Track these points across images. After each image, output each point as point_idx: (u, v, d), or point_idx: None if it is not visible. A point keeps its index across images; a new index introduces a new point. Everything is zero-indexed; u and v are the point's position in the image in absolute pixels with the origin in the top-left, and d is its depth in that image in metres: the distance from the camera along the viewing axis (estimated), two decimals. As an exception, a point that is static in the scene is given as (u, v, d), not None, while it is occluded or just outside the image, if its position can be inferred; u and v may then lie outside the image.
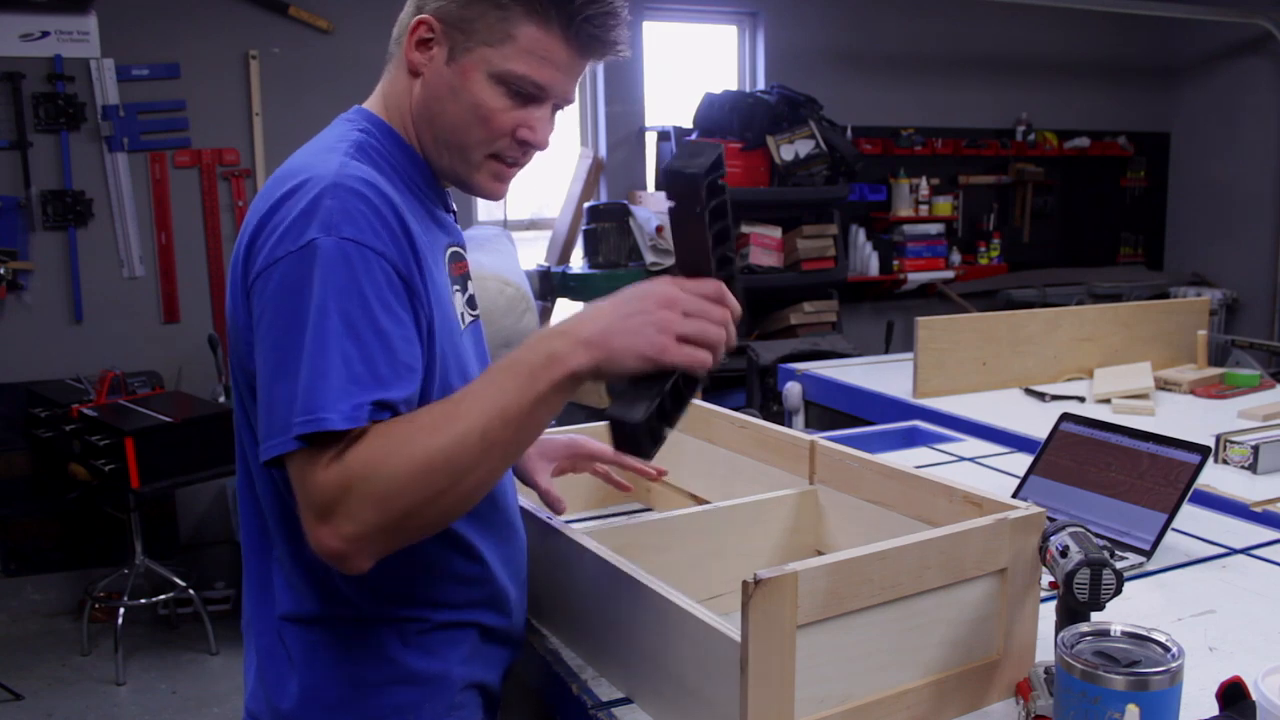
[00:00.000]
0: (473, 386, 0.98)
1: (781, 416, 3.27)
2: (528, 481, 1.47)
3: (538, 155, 1.17)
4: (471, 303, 1.20)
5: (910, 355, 2.86)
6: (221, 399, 3.98)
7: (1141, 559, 1.56)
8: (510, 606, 1.23)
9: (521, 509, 1.38)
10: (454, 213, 1.23)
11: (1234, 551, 1.63)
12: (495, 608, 1.21)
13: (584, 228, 4.46)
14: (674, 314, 0.98)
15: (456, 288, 1.15)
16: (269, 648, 1.14)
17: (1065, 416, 1.83)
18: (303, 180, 1.00)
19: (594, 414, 4.03)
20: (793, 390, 3.20)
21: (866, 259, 5.57)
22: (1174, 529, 1.60)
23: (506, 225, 4.83)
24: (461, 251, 1.21)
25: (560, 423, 1.52)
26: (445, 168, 1.14)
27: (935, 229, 5.75)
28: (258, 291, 0.99)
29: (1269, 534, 1.72)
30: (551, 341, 0.97)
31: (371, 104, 1.15)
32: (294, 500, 0.97)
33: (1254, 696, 0.98)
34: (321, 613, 1.11)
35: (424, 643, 1.14)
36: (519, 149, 1.12)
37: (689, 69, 5.40)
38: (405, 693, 1.13)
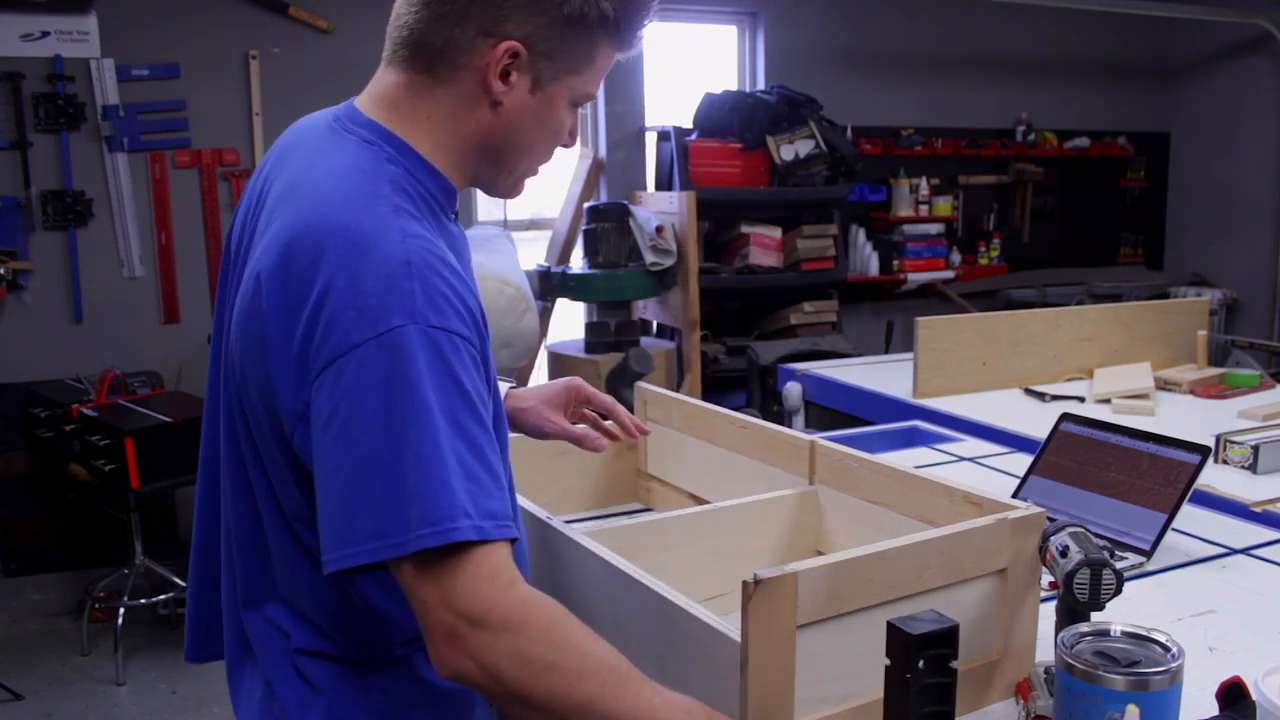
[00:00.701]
0: (666, 692, 0.95)
1: (781, 416, 3.27)
2: (541, 434, 1.47)
3: None
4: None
5: (910, 355, 2.86)
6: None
7: (1141, 559, 1.56)
8: None
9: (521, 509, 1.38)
10: (455, 215, 1.20)
11: (1234, 551, 1.63)
12: None
13: (584, 228, 4.46)
14: None
15: None
16: (285, 678, 1.10)
17: (1065, 416, 1.83)
18: (380, 247, 0.92)
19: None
20: (793, 390, 3.21)
21: (866, 259, 5.57)
22: (1174, 529, 1.60)
23: (506, 225, 4.83)
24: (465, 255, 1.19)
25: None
26: (498, 183, 1.12)
27: (935, 229, 5.75)
28: (330, 378, 0.90)
29: (1269, 534, 1.72)
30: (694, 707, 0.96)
31: (382, 116, 1.05)
32: (388, 596, 0.98)
33: (1254, 696, 0.98)
34: (344, 652, 1.08)
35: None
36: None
37: (689, 69, 5.40)
38: (435, 711, 1.10)
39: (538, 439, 1.49)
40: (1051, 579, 1.11)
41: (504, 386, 1.43)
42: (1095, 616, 1.04)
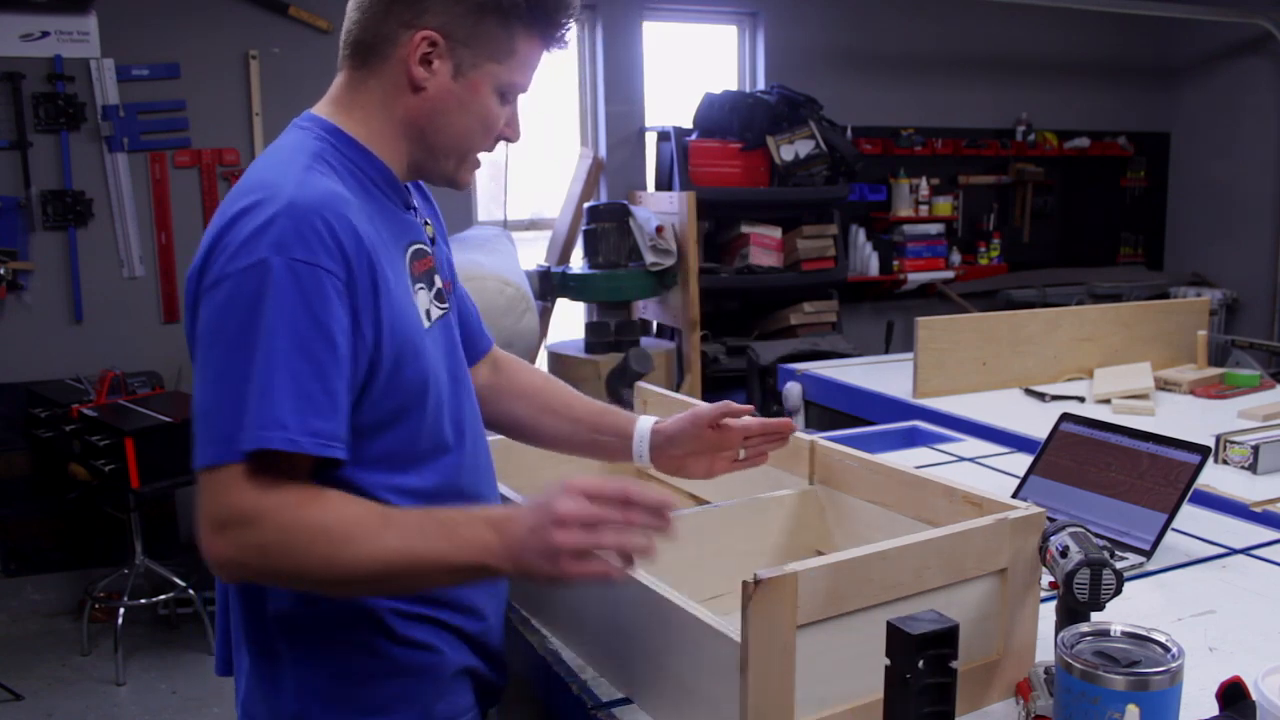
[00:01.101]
0: (409, 518, 1.03)
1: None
2: (711, 475, 1.44)
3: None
4: (440, 296, 1.22)
5: (910, 355, 2.86)
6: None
7: (1141, 559, 1.56)
8: (478, 608, 1.23)
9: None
10: (414, 209, 1.24)
11: (1234, 551, 1.63)
12: (463, 609, 1.21)
13: (584, 228, 4.46)
14: (567, 535, 0.99)
15: (420, 285, 1.18)
16: (263, 647, 1.15)
17: (1065, 416, 1.83)
18: (259, 199, 1.03)
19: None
20: (793, 390, 3.21)
21: (866, 259, 5.57)
22: (1174, 529, 1.60)
23: (506, 225, 4.83)
24: (425, 249, 1.22)
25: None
26: (437, 170, 1.20)
27: (935, 229, 5.75)
28: (205, 304, 1.02)
29: (1269, 534, 1.72)
30: (487, 535, 1.02)
31: (325, 111, 1.17)
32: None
33: (1254, 696, 0.98)
34: (309, 610, 1.12)
35: (408, 635, 1.15)
36: (495, 144, 1.21)
37: (689, 69, 5.40)
38: (394, 685, 1.14)
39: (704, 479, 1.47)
40: (1051, 579, 1.11)
41: (648, 422, 1.44)
42: (1095, 616, 1.04)
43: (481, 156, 1.22)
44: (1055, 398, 2.74)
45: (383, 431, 1.10)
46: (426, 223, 1.28)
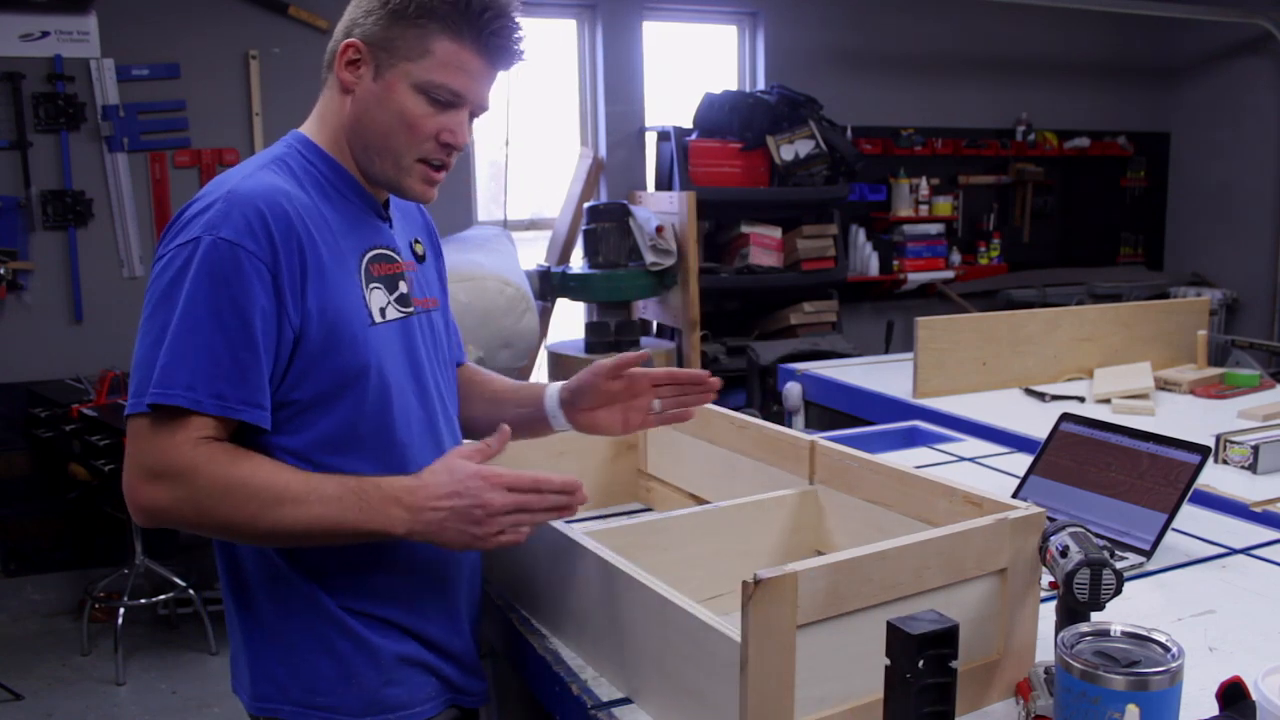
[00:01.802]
0: (329, 486, 1.13)
1: (781, 416, 3.27)
2: (627, 430, 1.45)
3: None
4: (403, 301, 1.29)
5: (910, 355, 2.86)
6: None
7: (1141, 559, 1.56)
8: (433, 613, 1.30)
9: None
10: (388, 220, 1.32)
11: (1234, 551, 1.63)
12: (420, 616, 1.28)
13: (584, 228, 4.46)
14: (492, 524, 1.14)
15: (376, 285, 1.25)
16: (253, 619, 1.25)
17: (1065, 416, 1.83)
18: (207, 192, 1.17)
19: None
20: (793, 390, 3.20)
21: (866, 259, 5.57)
22: (1174, 529, 1.60)
23: (506, 225, 4.83)
24: (391, 256, 1.29)
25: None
26: (379, 174, 1.26)
27: (935, 229, 5.75)
28: (151, 280, 1.15)
29: (1269, 534, 1.72)
30: (395, 511, 1.13)
31: (305, 127, 1.29)
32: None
33: (1254, 696, 0.98)
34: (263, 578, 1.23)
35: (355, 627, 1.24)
36: (442, 151, 1.24)
37: (689, 69, 5.40)
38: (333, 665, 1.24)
39: (624, 435, 1.51)
40: (1051, 579, 1.11)
41: (556, 385, 1.47)
42: (1095, 616, 1.04)
43: (432, 169, 1.26)
44: (1055, 398, 2.74)
45: (322, 410, 1.19)
46: (417, 241, 1.37)
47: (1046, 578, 1.15)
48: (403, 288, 1.29)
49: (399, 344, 1.26)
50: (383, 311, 1.24)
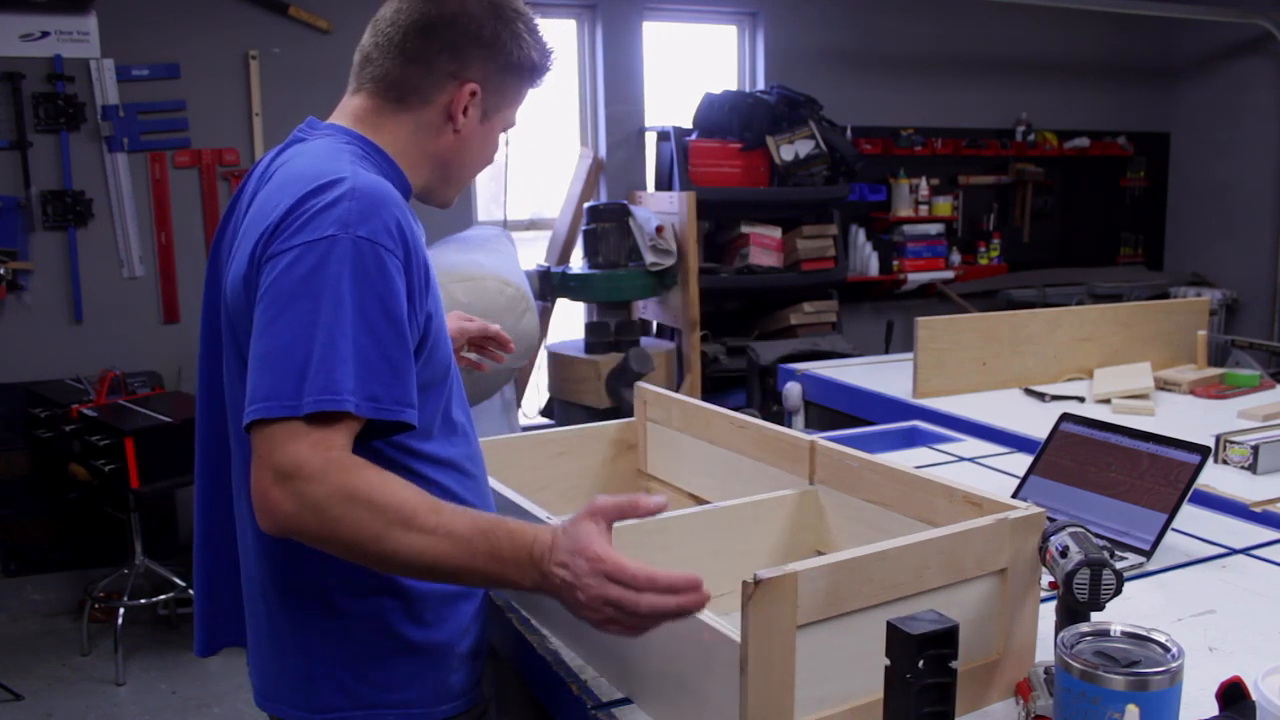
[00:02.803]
0: (458, 522, 1.05)
1: (781, 416, 3.27)
2: None
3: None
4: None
5: (910, 355, 2.86)
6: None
7: (1141, 559, 1.56)
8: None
9: (518, 507, 1.39)
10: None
11: (1234, 551, 1.63)
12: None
13: (584, 228, 4.46)
14: (612, 616, 1.03)
15: None
16: (313, 627, 1.22)
17: (1065, 416, 1.83)
18: (328, 180, 1.11)
19: (595, 414, 4.03)
20: (793, 390, 3.20)
21: (866, 259, 5.57)
22: (1174, 529, 1.60)
23: (506, 225, 4.83)
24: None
25: (562, 422, 1.51)
26: (441, 195, 1.34)
27: (935, 229, 5.75)
28: (268, 270, 1.08)
29: (1269, 534, 1.72)
30: (529, 576, 1.05)
31: (361, 128, 1.26)
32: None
33: (1254, 696, 0.98)
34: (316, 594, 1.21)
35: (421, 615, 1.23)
36: None
37: (689, 69, 5.40)
38: (411, 661, 1.24)
39: None
40: (1051, 579, 1.11)
41: None
42: (1095, 616, 1.04)
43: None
44: (1055, 398, 2.74)
45: (420, 403, 1.15)
46: None
47: (1046, 578, 1.15)
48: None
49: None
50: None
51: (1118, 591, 1.06)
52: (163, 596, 3.77)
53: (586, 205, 4.55)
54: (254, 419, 1.04)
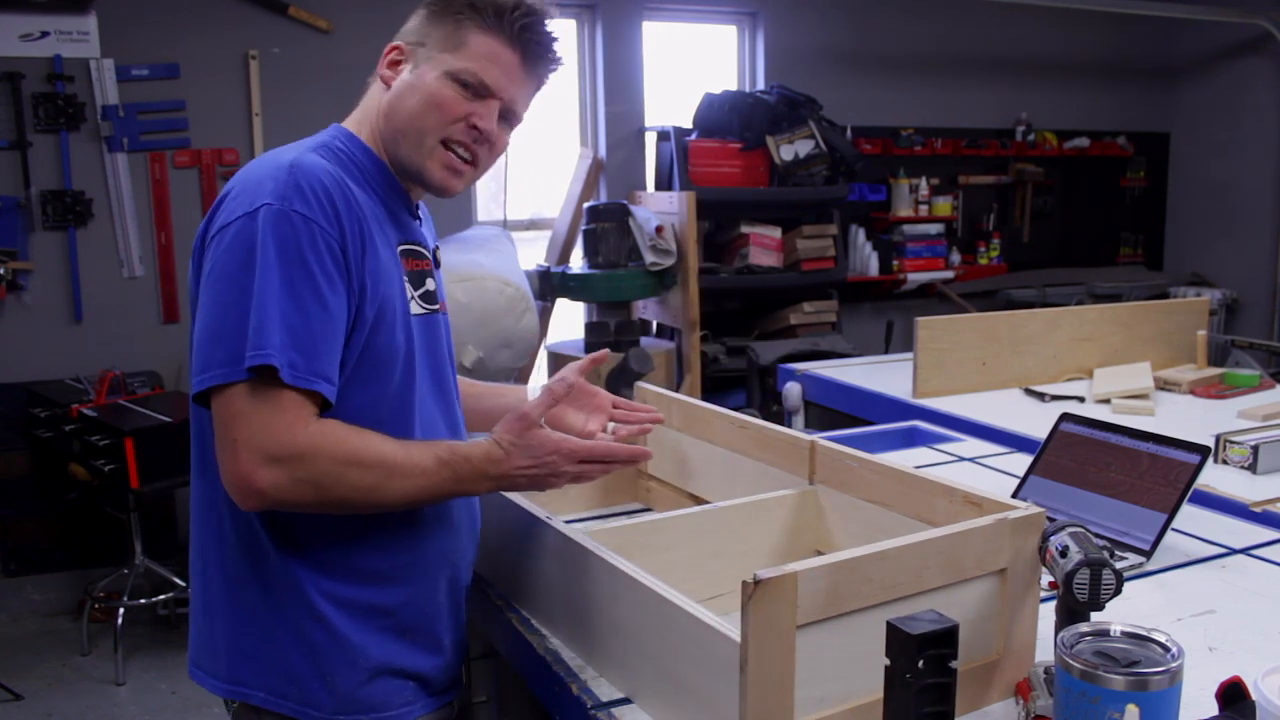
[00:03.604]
0: (423, 458, 1.18)
1: (781, 416, 3.27)
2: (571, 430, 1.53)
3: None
4: (429, 298, 1.33)
5: (910, 355, 2.86)
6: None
7: (1141, 559, 1.56)
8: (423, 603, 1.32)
9: (518, 507, 1.39)
10: (419, 219, 1.37)
11: (1234, 551, 1.63)
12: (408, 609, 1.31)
13: (584, 228, 4.46)
14: (559, 481, 1.27)
15: (407, 279, 1.29)
16: (235, 599, 1.26)
17: (1065, 416, 1.83)
18: (263, 162, 1.19)
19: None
20: (793, 390, 3.20)
21: (866, 259, 5.57)
22: (1174, 529, 1.60)
23: (506, 225, 4.83)
24: (420, 250, 1.34)
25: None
26: (405, 158, 1.29)
27: (935, 229, 5.75)
28: (211, 249, 1.15)
29: (1269, 534, 1.72)
30: (481, 484, 1.23)
31: (348, 123, 1.33)
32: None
33: (1254, 696, 0.98)
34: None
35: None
36: (467, 136, 1.28)
37: (689, 69, 5.40)
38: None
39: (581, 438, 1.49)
40: (1051, 579, 1.11)
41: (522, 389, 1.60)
42: (1095, 616, 1.04)
43: (456, 157, 1.29)
44: (1055, 398, 2.74)
45: (355, 386, 1.21)
46: (436, 247, 1.41)
47: (1046, 578, 1.15)
48: (429, 285, 1.33)
49: (424, 338, 1.30)
50: (412, 305, 1.29)
51: (1118, 591, 1.06)
52: (162, 596, 3.77)
53: (586, 205, 4.55)
54: (207, 386, 1.11)
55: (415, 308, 1.29)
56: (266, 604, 1.23)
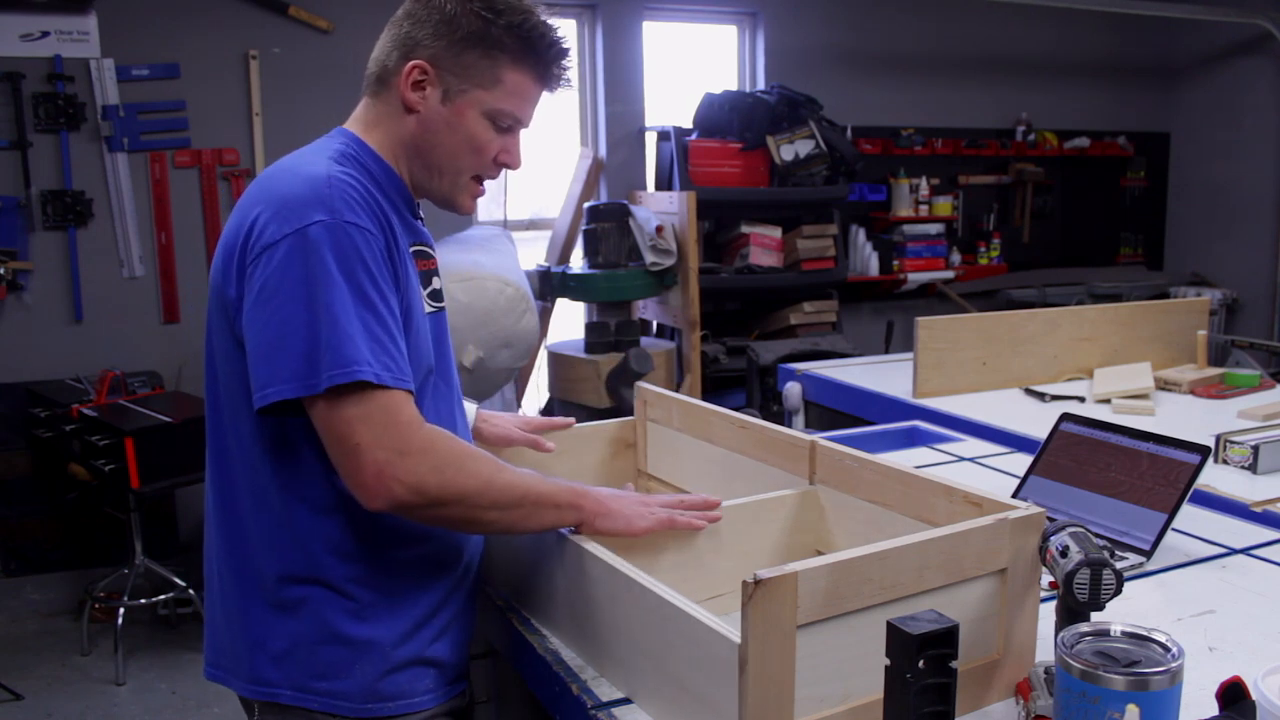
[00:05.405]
0: (537, 489, 1.24)
1: (781, 416, 3.27)
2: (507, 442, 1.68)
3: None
4: (436, 296, 1.35)
5: (910, 355, 2.86)
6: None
7: (1141, 559, 1.56)
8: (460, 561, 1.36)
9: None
10: (421, 219, 1.38)
11: (1234, 551, 1.63)
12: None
13: (584, 228, 4.46)
14: (643, 521, 1.30)
15: (417, 278, 1.31)
16: (260, 602, 1.26)
17: (1065, 416, 1.83)
18: (289, 177, 1.19)
19: (595, 414, 4.02)
20: (793, 390, 3.20)
21: (866, 259, 5.57)
22: (1174, 529, 1.60)
23: (506, 225, 4.83)
24: (428, 250, 1.36)
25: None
26: (434, 189, 1.33)
27: (935, 229, 5.75)
28: (261, 265, 1.14)
29: (1269, 534, 1.72)
30: (582, 500, 1.28)
31: (352, 127, 1.32)
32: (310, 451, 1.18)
33: (1254, 696, 0.98)
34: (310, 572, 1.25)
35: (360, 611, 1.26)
36: (496, 170, 1.33)
37: (689, 69, 5.40)
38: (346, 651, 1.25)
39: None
40: (1051, 579, 1.11)
41: (471, 408, 1.59)
42: (1095, 616, 1.04)
43: (480, 184, 1.35)
44: (1055, 398, 2.74)
45: None
46: (432, 246, 1.41)
47: (1046, 578, 1.15)
48: (436, 284, 1.35)
49: (434, 336, 1.32)
50: (424, 303, 1.31)
51: (1118, 591, 1.06)
52: (163, 596, 3.77)
53: (586, 205, 4.55)
54: (279, 399, 1.11)
55: (426, 306, 1.31)
56: (293, 602, 1.23)
